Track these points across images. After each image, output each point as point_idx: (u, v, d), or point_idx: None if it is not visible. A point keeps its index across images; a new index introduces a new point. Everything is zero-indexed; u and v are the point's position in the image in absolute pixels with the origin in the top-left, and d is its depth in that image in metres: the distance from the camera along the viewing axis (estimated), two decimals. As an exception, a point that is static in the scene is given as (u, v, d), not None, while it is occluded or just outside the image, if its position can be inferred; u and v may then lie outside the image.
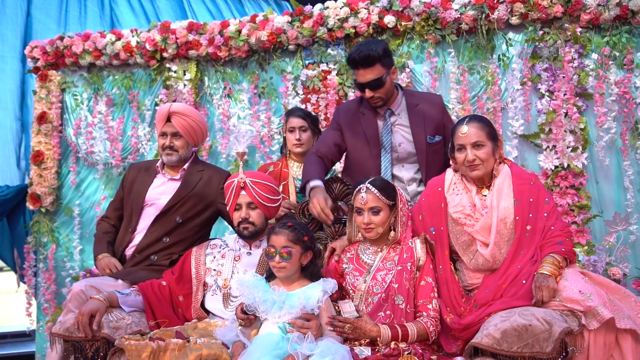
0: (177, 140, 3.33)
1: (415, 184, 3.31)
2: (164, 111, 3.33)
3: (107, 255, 3.21)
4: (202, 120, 3.44)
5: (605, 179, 4.19)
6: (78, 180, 5.07)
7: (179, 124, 3.31)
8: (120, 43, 4.89)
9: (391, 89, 3.23)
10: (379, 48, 3.10)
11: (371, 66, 3.09)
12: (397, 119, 3.31)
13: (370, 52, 3.07)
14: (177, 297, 2.86)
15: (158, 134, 3.37)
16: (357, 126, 3.31)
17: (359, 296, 2.69)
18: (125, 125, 5.01)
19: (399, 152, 3.29)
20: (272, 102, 4.75)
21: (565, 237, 2.58)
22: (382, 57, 3.10)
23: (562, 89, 4.15)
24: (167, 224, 3.24)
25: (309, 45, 4.67)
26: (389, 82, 3.17)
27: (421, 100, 3.36)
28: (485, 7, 4.25)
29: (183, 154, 3.35)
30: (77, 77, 5.13)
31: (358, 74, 3.16)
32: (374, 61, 3.08)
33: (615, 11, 4.11)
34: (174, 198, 3.27)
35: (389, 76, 3.17)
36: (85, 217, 5.02)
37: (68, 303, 2.88)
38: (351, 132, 3.32)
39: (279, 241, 2.57)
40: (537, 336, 2.21)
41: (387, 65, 3.14)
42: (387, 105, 3.28)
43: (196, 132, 3.37)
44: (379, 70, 3.11)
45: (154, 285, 2.84)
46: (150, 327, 2.68)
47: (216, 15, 6.46)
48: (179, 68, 4.86)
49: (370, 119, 3.30)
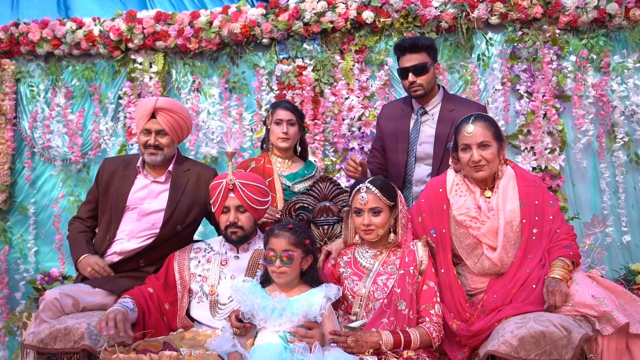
0: (163, 138, 3.04)
1: (422, 186, 3.23)
2: (148, 106, 3.01)
3: (88, 255, 2.91)
4: (189, 115, 3.20)
5: (582, 181, 4.22)
6: (33, 176, 4.78)
7: (165, 121, 3.02)
8: (82, 32, 4.62)
9: (433, 81, 3.32)
10: (427, 40, 3.34)
11: (418, 52, 3.24)
12: (429, 118, 3.36)
13: (419, 40, 3.29)
14: (163, 305, 2.66)
15: (139, 130, 3.05)
16: (393, 122, 3.43)
17: (358, 302, 2.56)
18: (86, 119, 4.74)
19: (418, 151, 3.33)
20: (243, 97, 4.57)
21: (571, 241, 2.53)
22: (429, 48, 3.28)
23: (541, 90, 4.14)
24: (167, 233, 2.99)
25: (284, 40, 4.52)
26: (432, 73, 3.29)
27: (459, 105, 3.35)
28: (465, 5, 4.20)
29: (168, 152, 3.08)
30: (33, 67, 4.83)
31: (404, 59, 3.26)
32: (421, 48, 3.24)
33: (593, 14, 4.14)
34: (169, 207, 3.01)
35: (433, 68, 3.30)
36: (41, 217, 4.73)
37: (41, 313, 2.61)
38: (387, 130, 3.45)
39: (279, 244, 2.41)
40: (555, 343, 2.13)
41: (432, 57, 3.30)
42: (425, 101, 3.34)
43: (182, 129, 3.11)
44: (424, 57, 3.25)
45: (145, 294, 2.63)
46: (134, 338, 2.46)
47: (178, 8, 6.18)
48: (144, 60, 4.61)
49: (406, 115, 3.41)
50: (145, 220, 3.00)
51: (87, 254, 2.91)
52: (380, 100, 4.32)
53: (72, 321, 2.47)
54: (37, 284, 4.22)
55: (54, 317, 2.58)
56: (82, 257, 2.91)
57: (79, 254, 2.92)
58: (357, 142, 4.31)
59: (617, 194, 4.12)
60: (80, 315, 2.55)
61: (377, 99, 4.36)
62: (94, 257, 2.90)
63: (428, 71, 3.25)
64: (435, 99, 3.35)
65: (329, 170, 4.34)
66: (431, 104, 3.35)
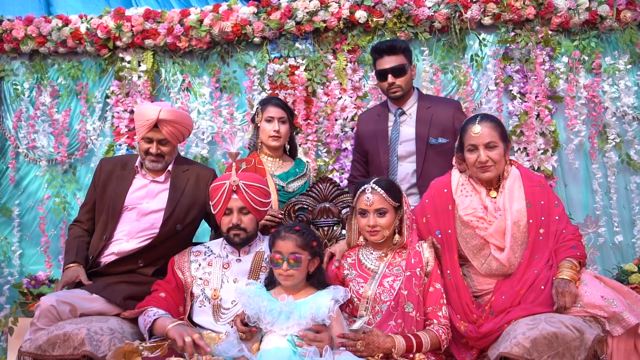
0: (165, 146, 2.98)
1: (407, 185, 3.32)
2: (150, 117, 2.91)
3: (72, 267, 2.84)
4: (191, 121, 3.11)
5: (574, 181, 4.24)
6: (18, 177, 4.63)
7: (168, 132, 2.94)
8: (68, 29, 4.50)
9: (410, 82, 3.43)
10: (403, 42, 3.49)
11: (396, 54, 3.33)
12: (407, 117, 3.44)
13: (396, 42, 3.42)
14: (178, 309, 2.59)
15: (140, 137, 2.97)
16: (372, 125, 3.51)
17: (364, 304, 2.52)
18: (72, 119, 4.61)
19: (400, 150, 3.38)
20: (234, 97, 4.51)
21: (577, 241, 2.53)
22: (406, 50, 3.40)
23: (534, 91, 4.15)
24: (166, 233, 2.92)
25: (276, 39, 4.46)
26: (409, 75, 3.39)
27: (435, 103, 3.50)
28: (459, 5, 4.20)
29: (169, 159, 3.03)
30: (17, 65, 4.67)
31: (382, 62, 3.35)
32: (399, 50, 3.35)
33: (585, 16, 4.16)
34: (169, 206, 2.94)
35: (410, 70, 3.40)
36: (25, 218, 4.60)
37: (36, 321, 2.51)
38: (367, 135, 3.51)
39: (286, 247, 2.36)
40: (568, 344, 2.12)
41: (409, 59, 3.41)
42: (402, 102, 3.44)
43: (184, 135, 3.05)
44: (402, 59, 3.35)
45: (161, 301, 2.54)
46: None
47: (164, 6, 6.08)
48: (133, 58, 4.52)
49: (383, 118, 3.49)
50: (144, 220, 2.93)
51: (72, 264, 2.85)
52: (373, 101, 4.28)
53: (71, 327, 2.39)
54: (23, 288, 4.10)
55: (50, 324, 2.48)
56: (68, 266, 2.85)
57: (67, 262, 2.87)
58: (350, 142, 4.27)
59: (609, 194, 4.15)
60: (79, 321, 2.46)
61: (370, 99, 4.32)
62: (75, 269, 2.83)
63: (406, 73, 3.36)
64: (411, 100, 3.45)
65: (321, 171, 4.30)
66: (408, 104, 3.44)
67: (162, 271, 2.81)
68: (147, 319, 2.45)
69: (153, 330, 2.43)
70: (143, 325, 2.48)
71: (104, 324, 2.46)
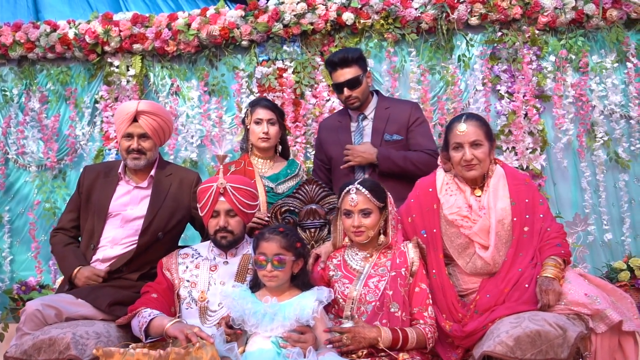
0: (145, 142, 2.98)
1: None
2: (130, 110, 2.94)
3: (82, 267, 2.82)
4: (171, 118, 3.14)
5: (563, 180, 4.26)
6: (7, 183, 4.66)
7: (147, 124, 2.96)
8: (57, 35, 4.51)
9: (367, 91, 3.40)
10: (355, 52, 3.39)
11: (349, 66, 3.28)
12: (368, 122, 3.41)
13: (348, 54, 3.33)
14: (170, 309, 2.59)
15: (121, 136, 2.98)
16: (334, 135, 3.47)
17: (350, 305, 2.52)
18: (62, 124, 4.64)
19: None
20: (223, 100, 4.52)
21: (562, 239, 2.53)
22: (358, 59, 3.34)
23: (522, 91, 4.17)
24: (147, 240, 2.92)
25: (263, 42, 4.48)
26: (365, 84, 3.35)
27: (394, 103, 3.51)
28: (445, 6, 4.21)
29: (151, 156, 3.02)
30: (6, 71, 4.72)
31: (336, 75, 3.31)
32: (351, 61, 3.29)
33: (571, 15, 4.18)
34: (150, 213, 2.94)
35: (365, 78, 3.36)
36: (16, 224, 4.62)
37: (22, 326, 2.51)
38: (330, 141, 3.48)
39: (270, 248, 2.36)
40: (551, 342, 2.12)
41: (363, 68, 3.35)
42: (362, 108, 3.41)
43: (164, 132, 3.06)
44: (356, 70, 3.30)
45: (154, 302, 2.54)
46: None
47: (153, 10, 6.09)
48: (121, 63, 4.53)
49: (345, 125, 3.46)
50: (128, 227, 2.93)
51: (79, 266, 2.83)
52: (362, 102, 4.29)
53: (57, 331, 2.38)
54: (13, 294, 4.10)
55: (37, 329, 2.48)
56: (76, 270, 2.82)
57: (71, 269, 2.83)
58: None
59: (598, 192, 4.17)
60: (64, 325, 2.45)
61: (359, 100, 4.33)
62: (88, 268, 2.83)
63: (361, 84, 3.32)
64: (371, 104, 3.44)
65: (309, 173, 4.30)
66: (369, 108, 3.43)
67: (147, 275, 2.82)
68: (142, 320, 2.45)
69: (149, 330, 2.42)
70: (137, 326, 2.47)
71: (90, 328, 2.46)
